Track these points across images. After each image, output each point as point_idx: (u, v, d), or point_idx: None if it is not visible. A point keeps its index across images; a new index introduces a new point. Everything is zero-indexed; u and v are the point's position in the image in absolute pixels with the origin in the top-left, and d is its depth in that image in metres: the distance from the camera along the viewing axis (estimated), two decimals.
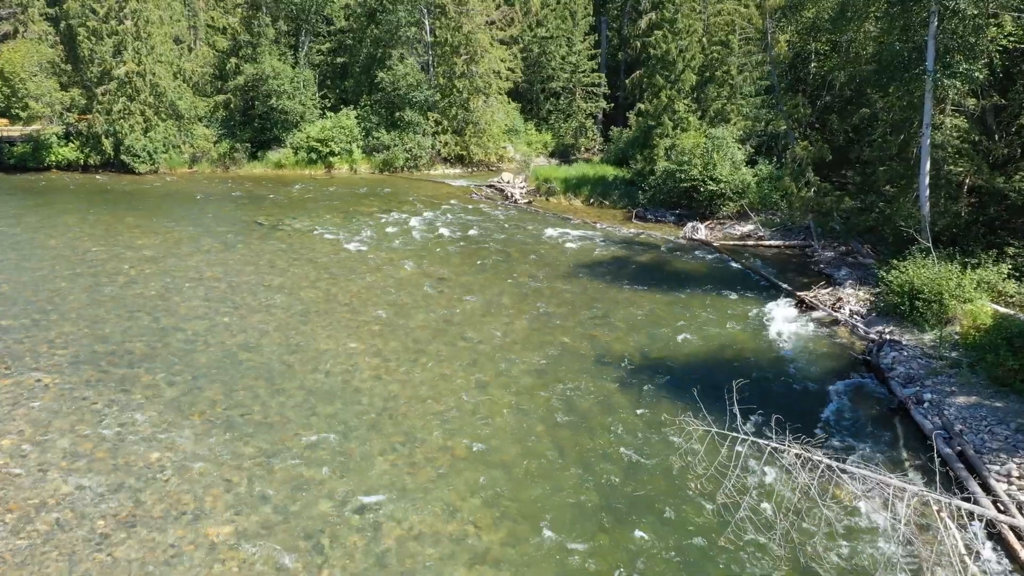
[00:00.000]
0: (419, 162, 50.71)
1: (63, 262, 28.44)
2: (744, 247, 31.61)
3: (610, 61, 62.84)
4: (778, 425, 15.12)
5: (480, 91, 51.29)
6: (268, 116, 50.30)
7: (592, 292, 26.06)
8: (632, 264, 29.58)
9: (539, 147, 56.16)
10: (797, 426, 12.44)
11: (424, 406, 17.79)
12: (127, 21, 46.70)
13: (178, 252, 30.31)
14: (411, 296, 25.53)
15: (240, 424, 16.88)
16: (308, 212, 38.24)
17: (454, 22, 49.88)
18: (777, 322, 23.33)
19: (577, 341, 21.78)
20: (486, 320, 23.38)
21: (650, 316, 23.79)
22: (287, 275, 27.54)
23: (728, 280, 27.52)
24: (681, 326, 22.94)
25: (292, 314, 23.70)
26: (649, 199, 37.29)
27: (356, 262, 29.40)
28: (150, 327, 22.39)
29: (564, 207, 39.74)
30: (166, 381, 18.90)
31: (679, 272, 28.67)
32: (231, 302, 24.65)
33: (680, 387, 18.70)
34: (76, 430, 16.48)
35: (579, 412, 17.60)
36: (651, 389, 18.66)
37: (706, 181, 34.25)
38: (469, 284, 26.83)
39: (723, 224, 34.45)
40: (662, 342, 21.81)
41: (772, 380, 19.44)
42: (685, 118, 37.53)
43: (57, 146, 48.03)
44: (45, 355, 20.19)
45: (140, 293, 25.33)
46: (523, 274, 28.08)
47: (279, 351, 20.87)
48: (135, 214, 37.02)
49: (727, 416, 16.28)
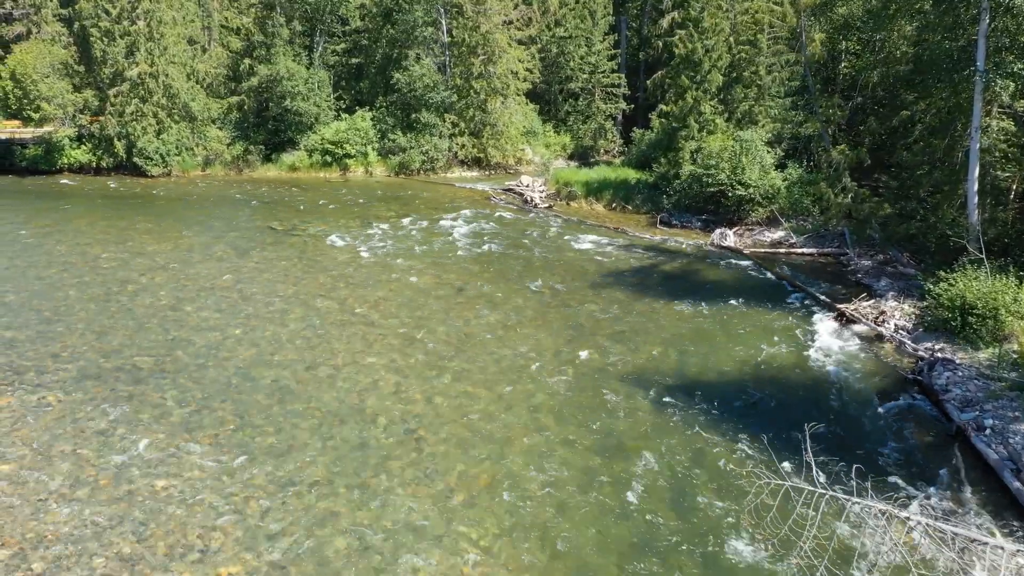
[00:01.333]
0: (435, 164, 49.66)
1: (72, 269, 27.59)
2: (775, 255, 30.33)
3: (630, 61, 61.61)
4: (821, 448, 13.88)
5: (498, 92, 50.18)
6: (282, 118, 49.42)
7: (619, 303, 24.90)
8: (659, 273, 28.38)
9: (557, 149, 54.99)
10: (848, 457, 11.27)
11: (447, 429, 16.70)
12: (140, 22, 45.93)
13: (190, 259, 29.41)
14: (430, 306, 24.48)
15: (252, 448, 15.86)
16: (323, 217, 37.29)
17: (471, 22, 48.80)
18: (817, 337, 22.08)
19: (605, 357, 20.64)
20: (509, 333, 22.28)
21: (681, 330, 22.61)
22: (301, 284, 26.55)
23: (761, 290, 26.27)
24: (715, 341, 21.75)
25: (307, 326, 22.70)
26: (674, 204, 36.06)
27: (372, 270, 28.38)
28: (159, 340, 21.45)
29: (585, 211, 38.58)
30: (175, 399, 17.93)
31: (709, 281, 27.45)
32: (243, 312, 23.68)
33: (718, 410, 17.54)
34: (79, 454, 15.52)
35: (612, 438, 16.46)
36: (687, 412, 17.49)
37: (734, 185, 33.00)
38: (490, 294, 25.74)
39: (752, 230, 33.18)
40: (695, 358, 20.63)
41: (815, 402, 18.23)
42: (711, 120, 36.25)
43: (69, 148, 47.34)
44: (50, 371, 19.27)
45: (150, 303, 24.41)
46: (546, 283, 26.96)
47: (293, 367, 19.86)
48: (147, 218, 36.20)
49: (772, 445, 15.16)
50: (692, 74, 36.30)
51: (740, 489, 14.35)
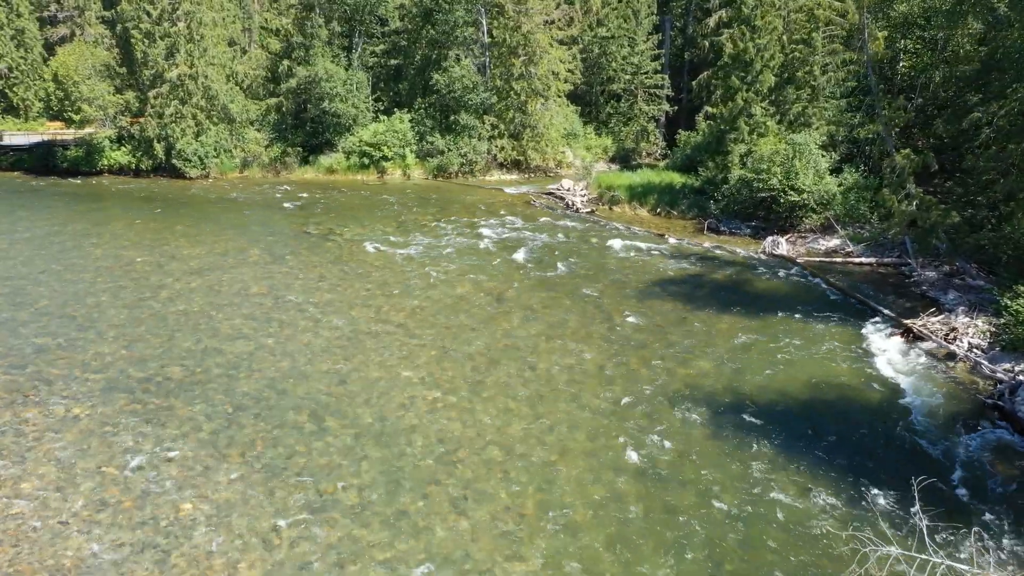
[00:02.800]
0: (474, 167, 48.75)
1: (106, 274, 27.21)
2: (831, 264, 28.73)
3: (673, 62, 60.04)
4: (897, 493, 12.08)
5: (538, 93, 49.10)
6: (320, 119, 48.98)
7: (667, 315, 23.65)
8: (709, 283, 27.02)
9: (598, 152, 53.70)
10: (934, 499, 9.93)
11: (487, 452, 15.68)
12: (180, 23, 45.83)
13: (224, 264, 28.86)
14: (469, 316, 23.49)
15: (281, 469, 15.01)
16: (359, 220, 36.59)
17: (512, 21, 47.80)
18: (882, 355, 20.57)
19: (654, 374, 19.43)
20: (552, 347, 21.18)
21: (734, 345, 21.27)
22: (336, 291, 25.78)
23: (819, 303, 24.77)
24: (771, 358, 20.39)
25: (341, 335, 21.88)
26: (722, 209, 34.58)
27: (409, 277, 27.50)
28: (190, 349, 20.79)
29: (629, 217, 37.29)
30: (204, 413, 17.19)
31: (763, 293, 26.02)
32: (277, 321, 22.95)
33: (781, 439, 16.23)
34: (103, 472, 14.84)
35: (664, 464, 15.28)
36: (745, 441, 16.21)
37: (787, 191, 31.43)
38: (532, 304, 24.67)
39: (805, 238, 31.58)
40: (752, 377, 19.29)
41: (885, 429, 16.80)
42: (762, 122, 34.67)
43: (109, 150, 47.51)
44: (78, 380, 18.70)
45: (183, 309, 23.83)
46: (590, 293, 25.80)
47: (326, 380, 19.02)
48: (183, 221, 35.87)
49: (847, 486, 13.67)
50: (742, 75, 34.78)
51: (809, 536, 13.09)
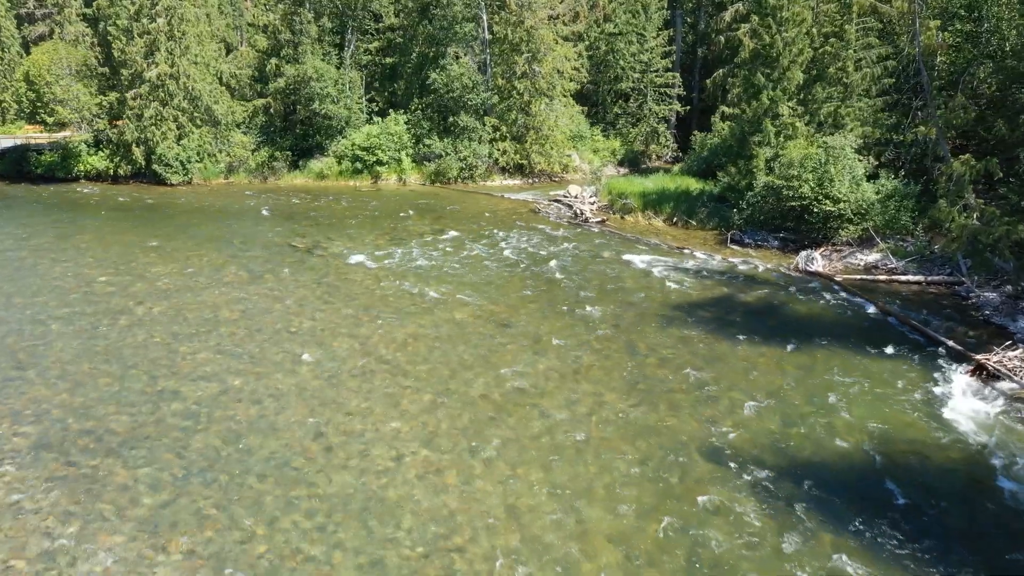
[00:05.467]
0: (474, 172, 45.76)
1: (62, 297, 24.27)
2: (874, 283, 25.69)
3: (684, 59, 57.09)
4: None
5: (543, 93, 46.10)
6: (310, 122, 46.01)
7: (693, 345, 20.64)
8: (740, 306, 24.00)
9: (606, 155, 50.71)
10: None
11: (491, 539, 12.66)
12: (160, 19, 42.86)
13: (196, 284, 25.90)
14: (469, 349, 20.48)
15: (234, 559, 12.02)
16: (349, 232, 33.62)
17: (515, 16, 44.84)
18: (953, 399, 17.51)
19: (687, 424, 16.41)
20: (565, 389, 18.17)
21: (776, 383, 18.25)
22: (318, 318, 22.80)
23: (868, 330, 21.74)
24: (821, 400, 17.37)
25: (320, 374, 18.89)
26: (746, 219, 31.55)
27: (402, 300, 24.52)
28: (144, 392, 17.81)
29: (643, 227, 34.28)
30: (148, 480, 14.20)
31: (803, 319, 23.00)
32: (247, 355, 19.96)
33: (844, 511, 13.19)
34: (11, 567, 11.83)
35: (712, 557, 12.25)
36: (802, 512, 13.18)
37: (820, 200, 28.40)
38: (539, 333, 21.66)
39: (841, 252, 28.56)
40: (801, 428, 16.26)
41: (968, 497, 13.77)
42: (790, 124, 31.64)
43: (86, 155, 44.60)
44: (2, 436, 15.72)
45: (142, 341, 20.86)
46: (604, 317, 22.80)
47: (299, 433, 16.02)
48: (157, 233, 32.91)
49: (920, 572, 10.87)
50: (768, 71, 31.73)
51: None
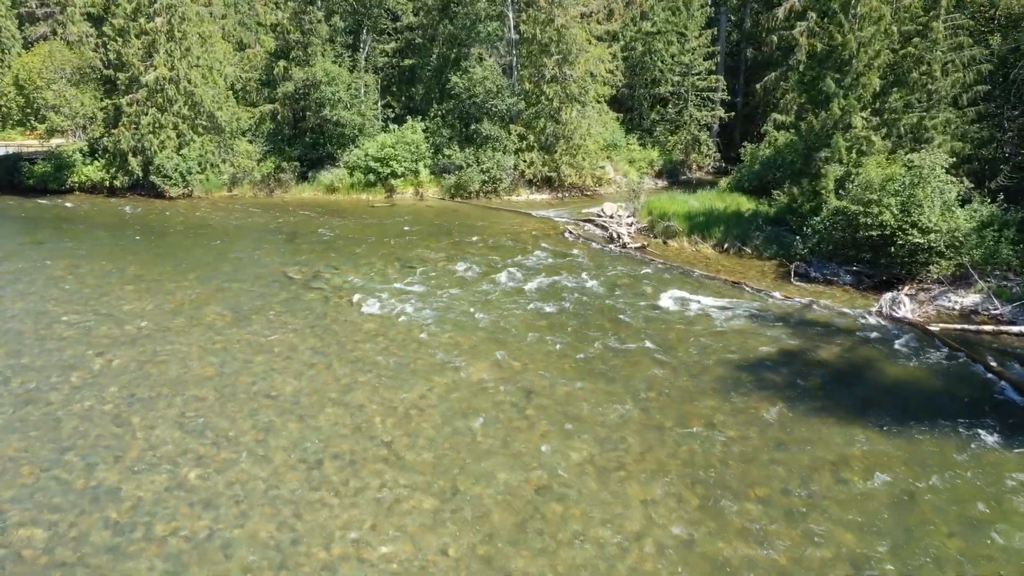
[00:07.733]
0: (498, 186, 41.72)
1: (12, 343, 20.73)
2: (979, 334, 21.24)
3: (728, 61, 52.59)
4: None
5: (574, 98, 41.93)
6: (321, 129, 42.33)
7: (764, 425, 16.41)
8: (816, 366, 19.67)
9: (643, 165, 46.41)
10: None
11: None
12: (158, 18, 39.44)
13: (171, 326, 22.22)
14: (486, 426, 16.47)
15: None
16: (355, 257, 29.82)
17: (544, 14, 40.74)
18: None
19: (760, 548, 12.21)
20: (603, 488, 14.06)
21: (877, 489, 13.94)
22: (306, 376, 18.94)
23: (984, 405, 17.32)
24: (945, 510, 13.07)
25: (299, 461, 15.01)
26: (811, 248, 27.16)
27: (406, 351, 20.58)
28: (72, 489, 14.06)
29: (689, 254, 30.00)
30: None
31: (898, 386, 18.61)
32: (212, 432, 16.15)
33: None
34: None
35: None
36: None
37: (906, 229, 23.97)
38: (570, 403, 17.56)
39: (930, 291, 24.09)
40: (925, 557, 12.02)
41: None
42: (865, 137, 27.17)
43: (81, 165, 41.35)
44: None
45: (88, 408, 17.16)
46: (651, 382, 18.64)
47: (258, 559, 12.12)
48: (140, 258, 29.39)
49: None
50: (838, 76, 27.27)
51: None
